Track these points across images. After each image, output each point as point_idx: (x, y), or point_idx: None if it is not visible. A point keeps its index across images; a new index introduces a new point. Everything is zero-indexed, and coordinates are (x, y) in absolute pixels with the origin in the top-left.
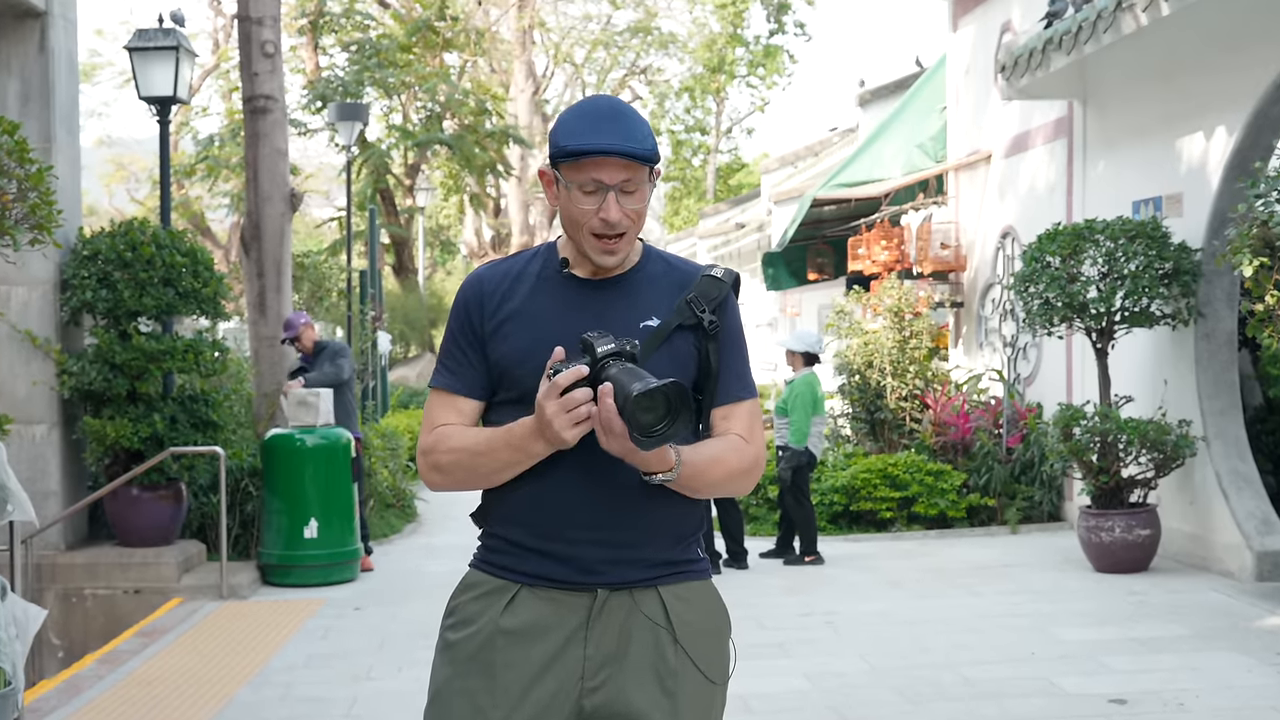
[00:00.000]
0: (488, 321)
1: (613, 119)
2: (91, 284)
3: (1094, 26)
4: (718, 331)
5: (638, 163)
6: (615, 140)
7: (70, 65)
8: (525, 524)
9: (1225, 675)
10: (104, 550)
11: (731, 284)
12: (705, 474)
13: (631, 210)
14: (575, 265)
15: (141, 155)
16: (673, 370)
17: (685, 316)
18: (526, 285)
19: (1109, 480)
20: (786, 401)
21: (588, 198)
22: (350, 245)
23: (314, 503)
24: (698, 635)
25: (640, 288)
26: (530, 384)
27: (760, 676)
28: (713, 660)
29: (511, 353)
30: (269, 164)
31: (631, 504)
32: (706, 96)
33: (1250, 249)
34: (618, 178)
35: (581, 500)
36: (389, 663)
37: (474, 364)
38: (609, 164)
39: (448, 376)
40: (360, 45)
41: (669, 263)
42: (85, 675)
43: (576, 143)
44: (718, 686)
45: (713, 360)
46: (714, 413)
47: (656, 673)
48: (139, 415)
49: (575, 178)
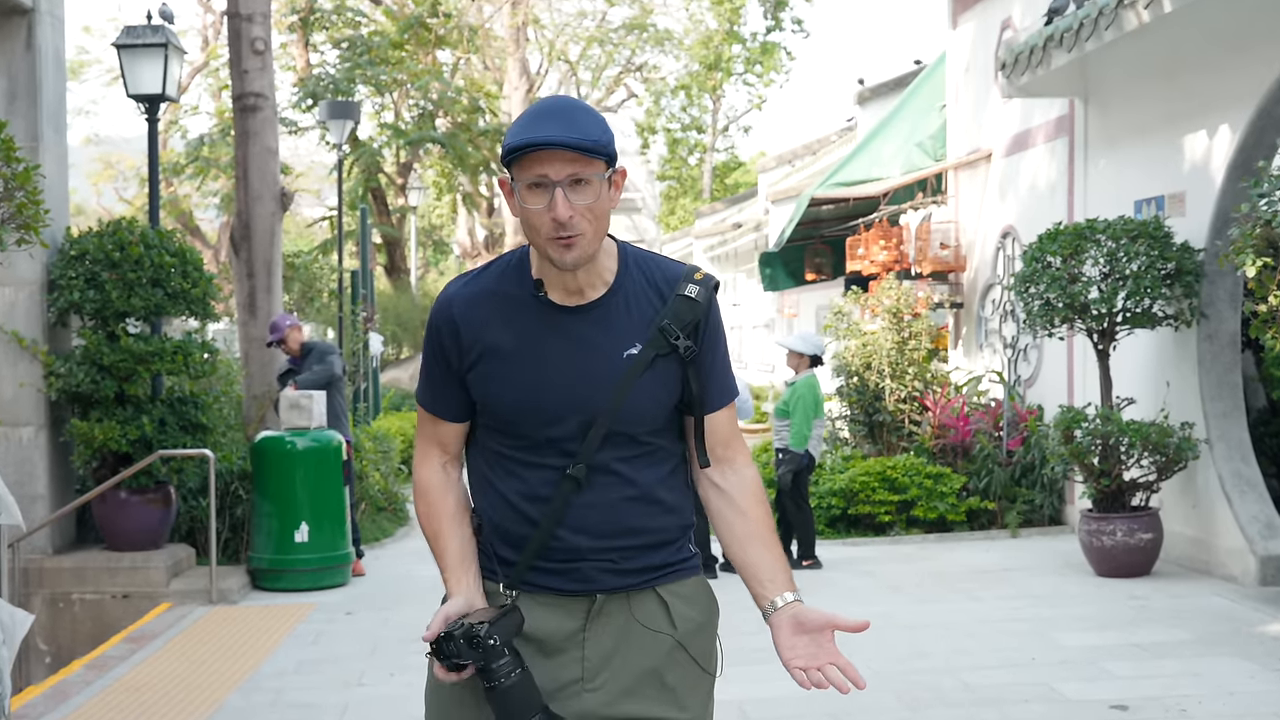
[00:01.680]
0: (465, 355)
1: (557, 114)
2: (79, 284)
3: (1096, 23)
4: (695, 356)
5: (585, 156)
6: (555, 131)
7: (57, 62)
8: (515, 542)
9: (1228, 681)
10: (92, 554)
11: (707, 302)
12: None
13: (583, 207)
14: (550, 286)
15: (130, 154)
16: (657, 395)
17: (660, 346)
18: (502, 313)
19: (1110, 483)
20: (788, 403)
21: (535, 195)
22: (341, 245)
23: (305, 506)
24: (694, 630)
25: (618, 312)
26: (510, 418)
27: (757, 682)
28: (707, 652)
29: (492, 389)
30: (259, 163)
31: (624, 521)
32: (703, 94)
33: (1253, 249)
34: (563, 172)
35: (567, 520)
36: (381, 668)
37: (453, 392)
38: (552, 158)
39: (429, 396)
40: (351, 42)
41: (646, 273)
42: (73, 681)
43: (518, 138)
44: (711, 677)
45: (694, 384)
46: (708, 423)
47: (656, 670)
48: (127, 417)
49: (522, 177)
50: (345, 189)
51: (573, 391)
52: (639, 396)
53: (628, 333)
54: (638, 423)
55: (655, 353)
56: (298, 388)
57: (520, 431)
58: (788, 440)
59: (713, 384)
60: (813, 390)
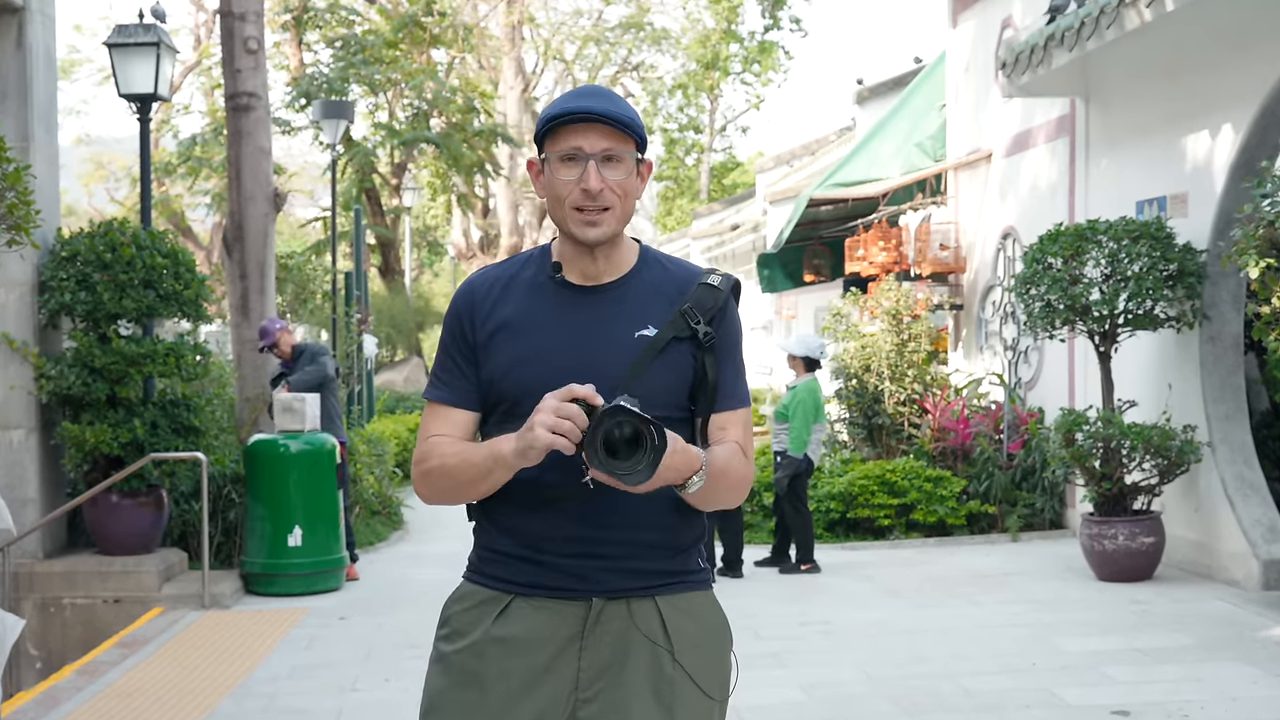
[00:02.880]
0: (479, 331)
1: (594, 94)
2: (70, 286)
3: (1097, 22)
4: (714, 343)
5: (620, 133)
6: (595, 104)
7: (48, 62)
8: (517, 533)
9: (1230, 687)
10: (83, 558)
11: (730, 290)
12: (718, 481)
13: (614, 183)
14: (568, 268)
15: (121, 154)
16: (669, 380)
17: (680, 328)
18: (519, 292)
19: (1112, 487)
20: (787, 407)
21: (567, 168)
22: (335, 246)
23: (298, 510)
24: (696, 648)
25: (635, 295)
26: (520, 396)
27: (755, 688)
28: (711, 674)
29: (502, 364)
30: (252, 163)
31: (626, 515)
32: (700, 94)
33: (1256, 250)
34: (598, 145)
35: (574, 510)
36: (375, 673)
37: (466, 374)
38: (589, 131)
39: (440, 389)
40: (345, 41)
41: (666, 267)
42: (64, 687)
43: (556, 109)
44: (716, 702)
45: (710, 372)
46: (712, 420)
47: (653, 685)
48: (119, 420)
49: (556, 149)
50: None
51: (581, 368)
52: (649, 378)
53: (642, 315)
54: (645, 406)
55: (673, 334)
56: (290, 389)
57: (528, 410)
58: (786, 444)
59: (725, 379)
60: (813, 394)
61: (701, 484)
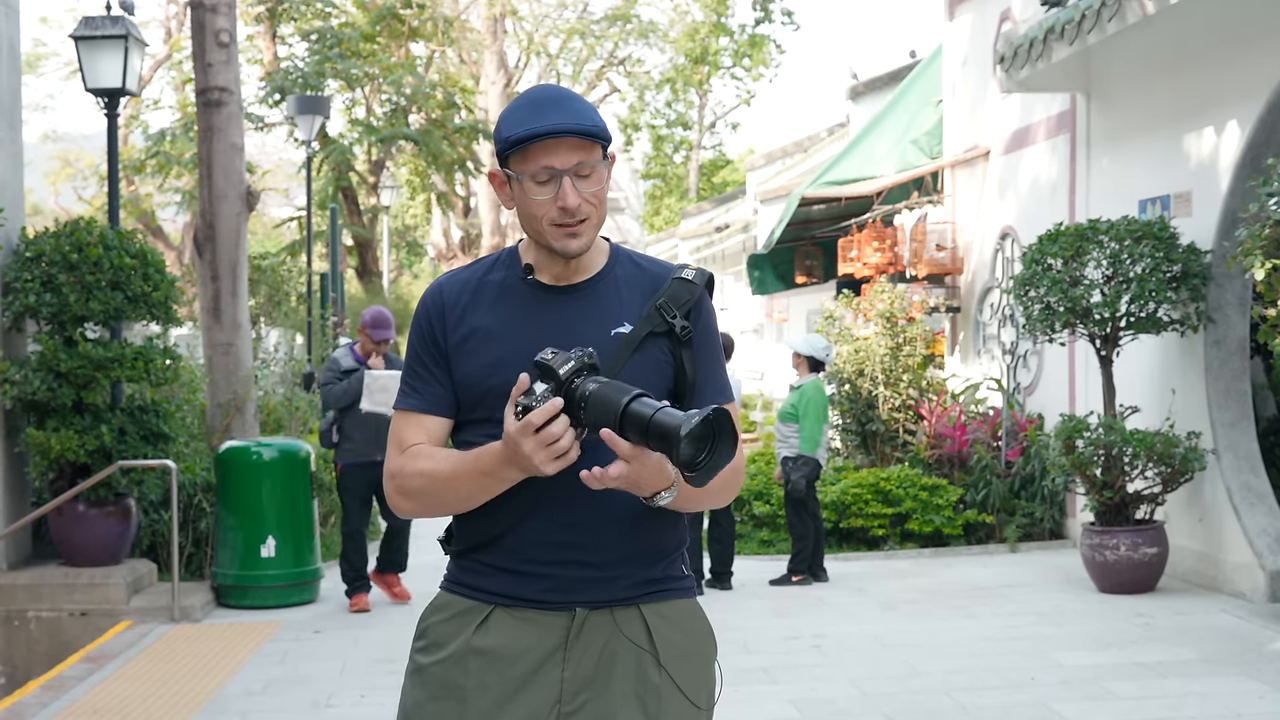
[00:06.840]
0: (450, 335)
1: (555, 102)
2: (35, 287)
3: (1098, 14)
4: (690, 337)
5: (588, 142)
6: (561, 120)
7: (12, 55)
8: (497, 544)
9: (1235, 702)
10: (48, 570)
11: (704, 285)
12: None
13: (590, 195)
14: (539, 270)
15: (89, 151)
16: (648, 378)
17: (656, 323)
18: (489, 296)
19: (1114, 496)
20: (796, 407)
21: (541, 188)
22: (311, 246)
23: (271, 520)
24: (681, 656)
25: (608, 293)
26: (497, 403)
27: (745, 703)
28: (698, 683)
29: (476, 370)
30: (223, 160)
31: (608, 521)
32: (689, 89)
33: (1263, 250)
34: (570, 161)
35: (556, 519)
36: (351, 688)
37: (439, 380)
38: (559, 147)
39: (412, 397)
40: (321, 34)
41: (638, 264)
42: (28, 703)
43: (522, 129)
44: (702, 711)
45: (688, 368)
46: None
47: (638, 696)
48: (85, 427)
49: (526, 168)
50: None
51: None
52: (627, 375)
53: (616, 313)
54: None
55: (649, 330)
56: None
57: (503, 416)
58: (796, 446)
59: (706, 374)
60: (820, 394)
61: (671, 498)
